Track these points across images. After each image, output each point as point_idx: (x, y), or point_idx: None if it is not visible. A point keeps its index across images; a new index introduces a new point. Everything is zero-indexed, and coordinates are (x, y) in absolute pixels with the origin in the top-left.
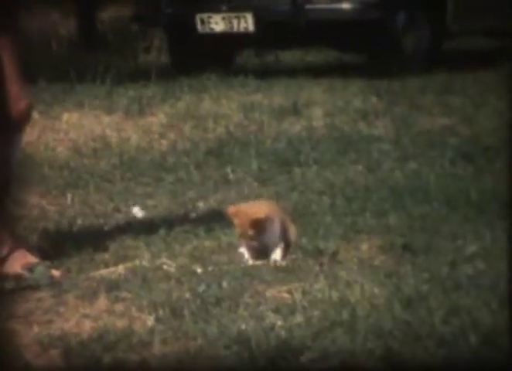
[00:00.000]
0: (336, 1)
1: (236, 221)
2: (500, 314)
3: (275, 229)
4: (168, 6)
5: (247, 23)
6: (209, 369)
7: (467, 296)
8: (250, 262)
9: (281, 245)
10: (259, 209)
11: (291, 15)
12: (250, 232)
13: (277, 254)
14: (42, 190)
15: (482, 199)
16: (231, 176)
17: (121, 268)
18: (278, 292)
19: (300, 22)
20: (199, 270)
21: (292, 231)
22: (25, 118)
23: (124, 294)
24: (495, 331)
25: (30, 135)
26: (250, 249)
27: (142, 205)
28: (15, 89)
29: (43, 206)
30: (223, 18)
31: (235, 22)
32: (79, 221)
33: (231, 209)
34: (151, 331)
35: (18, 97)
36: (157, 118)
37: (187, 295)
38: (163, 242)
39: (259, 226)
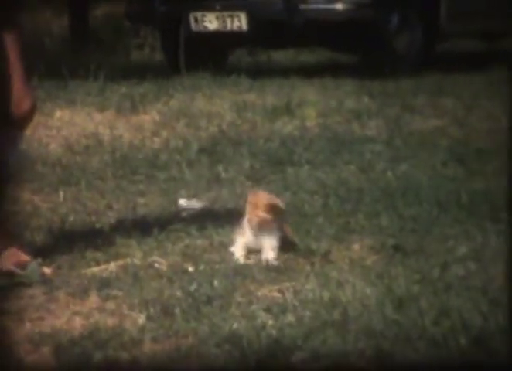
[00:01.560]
0: (329, 2)
1: (249, 207)
2: (491, 315)
3: (278, 227)
4: (162, 4)
5: (240, 22)
6: (200, 368)
7: (458, 297)
8: (241, 261)
9: (276, 246)
10: (270, 197)
11: (285, 14)
12: (260, 213)
13: (270, 254)
14: (34, 187)
15: (473, 200)
16: (223, 175)
17: (112, 266)
18: (270, 291)
19: (293, 21)
20: (190, 269)
21: (288, 234)
22: (28, 118)
23: (115, 292)
24: (485, 332)
25: None
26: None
27: (134, 202)
28: (20, 87)
29: (35, 203)
30: (217, 17)
31: (229, 20)
32: (71, 218)
33: (249, 198)
34: (142, 329)
35: (22, 95)
36: (150, 116)
37: (178, 294)
38: (155, 240)
39: (270, 211)
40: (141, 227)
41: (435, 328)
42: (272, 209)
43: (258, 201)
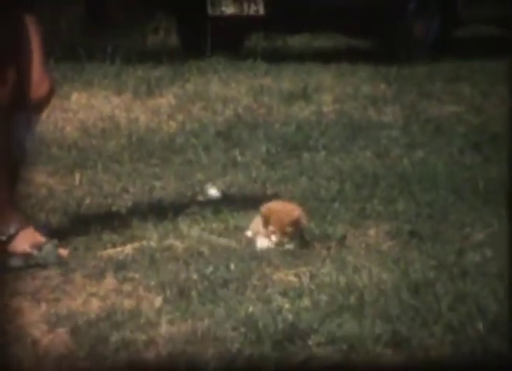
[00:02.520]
0: None
1: (272, 219)
2: (507, 301)
3: (304, 224)
4: None
5: (257, 6)
6: (216, 350)
7: (474, 283)
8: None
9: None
10: (292, 208)
11: None
12: (289, 229)
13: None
14: (50, 169)
15: (490, 187)
16: (239, 159)
17: (128, 248)
18: (286, 275)
19: (310, 6)
20: (206, 252)
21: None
22: (45, 101)
23: (131, 274)
24: (502, 318)
25: None
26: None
27: (150, 185)
28: (39, 70)
29: (51, 186)
30: (234, 1)
31: (246, 5)
32: (87, 201)
33: (266, 209)
34: (159, 311)
35: (41, 79)
36: (166, 99)
37: (195, 276)
38: (171, 223)
39: (296, 224)
40: (157, 210)
41: (451, 314)
42: (298, 222)
43: (283, 217)
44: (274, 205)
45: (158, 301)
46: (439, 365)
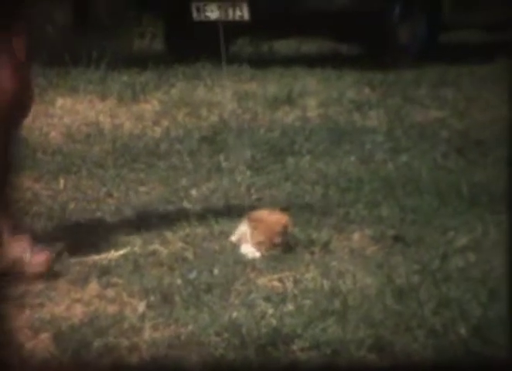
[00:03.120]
0: None
1: (260, 228)
2: (490, 306)
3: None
4: None
5: (242, 12)
6: (199, 356)
7: (457, 288)
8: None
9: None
10: (280, 217)
11: (287, 4)
12: (277, 238)
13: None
14: (34, 174)
15: (473, 192)
16: (224, 164)
17: (112, 254)
18: (270, 280)
19: (295, 11)
20: (190, 257)
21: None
22: (30, 107)
23: (115, 280)
24: (484, 323)
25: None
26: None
27: (135, 191)
28: (26, 76)
29: (36, 191)
30: (219, 7)
31: (230, 10)
32: (71, 206)
33: (253, 217)
34: (142, 316)
35: (28, 83)
36: (150, 105)
37: (178, 282)
38: (155, 228)
39: (284, 233)
40: (142, 216)
41: (434, 318)
42: (286, 231)
43: (271, 225)
44: (261, 216)
45: (141, 307)
46: (422, 369)
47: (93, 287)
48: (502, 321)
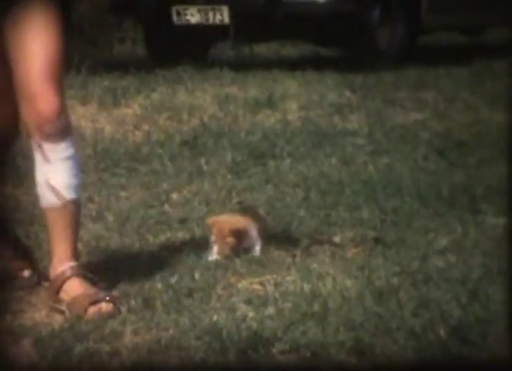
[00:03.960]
0: None
1: (214, 230)
2: (470, 307)
3: (253, 236)
4: None
5: (222, 15)
6: (180, 360)
7: (437, 289)
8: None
9: (259, 243)
10: (237, 219)
11: (267, 7)
12: (229, 240)
13: (256, 251)
14: (15, 181)
15: (454, 193)
16: (205, 168)
17: (93, 258)
18: (251, 284)
19: (275, 15)
20: (171, 261)
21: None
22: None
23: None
24: (464, 323)
25: None
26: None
27: (116, 195)
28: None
29: (16, 197)
30: (199, 10)
31: (211, 14)
32: None
33: (210, 221)
34: (123, 321)
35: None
36: (131, 109)
37: (159, 286)
38: (136, 232)
39: (238, 235)
40: (123, 220)
41: (414, 320)
42: (238, 232)
43: (224, 228)
44: (219, 217)
45: (122, 311)
46: None
47: None
48: (481, 322)
